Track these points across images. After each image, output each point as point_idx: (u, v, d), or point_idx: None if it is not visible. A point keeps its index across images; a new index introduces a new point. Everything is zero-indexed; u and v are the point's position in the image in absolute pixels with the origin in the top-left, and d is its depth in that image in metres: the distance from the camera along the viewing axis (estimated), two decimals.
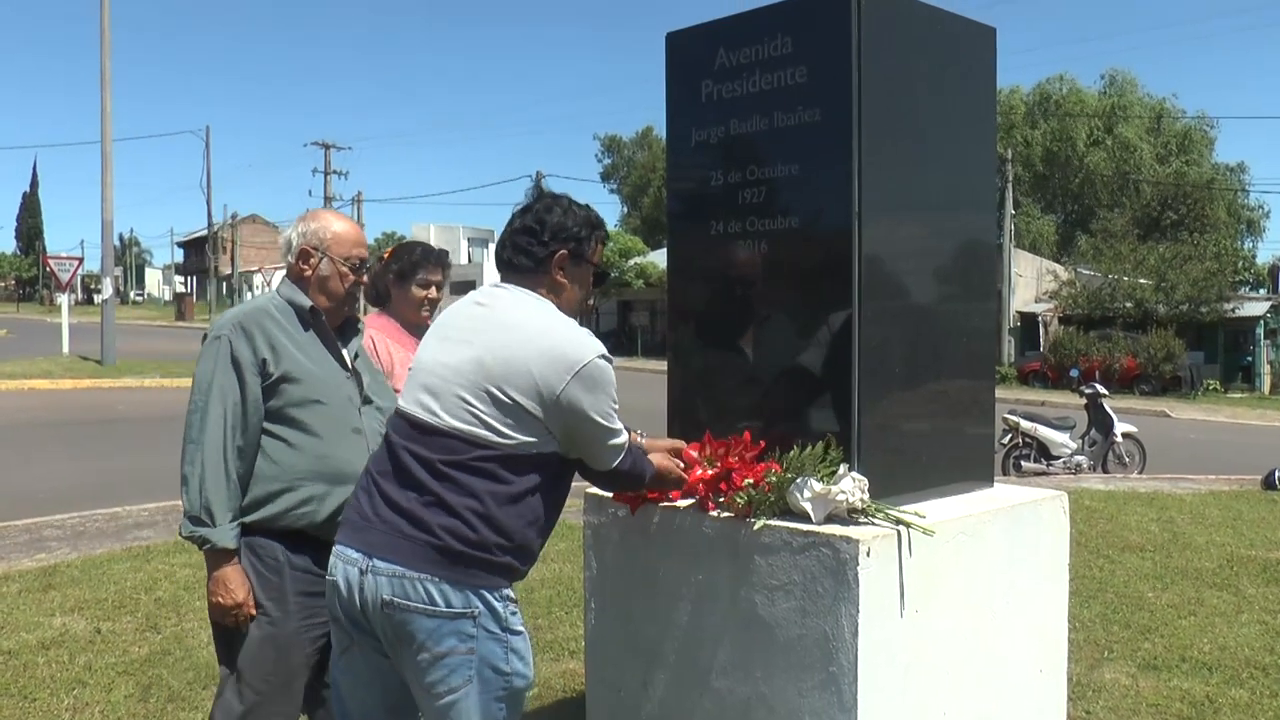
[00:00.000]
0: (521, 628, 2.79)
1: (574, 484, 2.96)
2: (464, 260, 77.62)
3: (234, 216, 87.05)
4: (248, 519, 3.23)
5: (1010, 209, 39.45)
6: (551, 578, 7.35)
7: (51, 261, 32.62)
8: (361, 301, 3.59)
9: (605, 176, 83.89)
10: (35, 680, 5.25)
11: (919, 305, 3.44)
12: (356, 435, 3.33)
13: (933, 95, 3.38)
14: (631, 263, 45.37)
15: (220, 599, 3.21)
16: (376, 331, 4.11)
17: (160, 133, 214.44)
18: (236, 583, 3.20)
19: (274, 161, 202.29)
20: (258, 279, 76.53)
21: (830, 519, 3.00)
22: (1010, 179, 40.67)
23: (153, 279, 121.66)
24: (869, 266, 3.16)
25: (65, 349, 29.46)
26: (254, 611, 3.23)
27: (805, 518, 3.01)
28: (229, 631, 3.27)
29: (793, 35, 3.27)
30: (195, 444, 3.21)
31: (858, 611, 2.84)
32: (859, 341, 3.15)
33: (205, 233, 79.33)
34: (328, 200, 60.47)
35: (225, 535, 3.18)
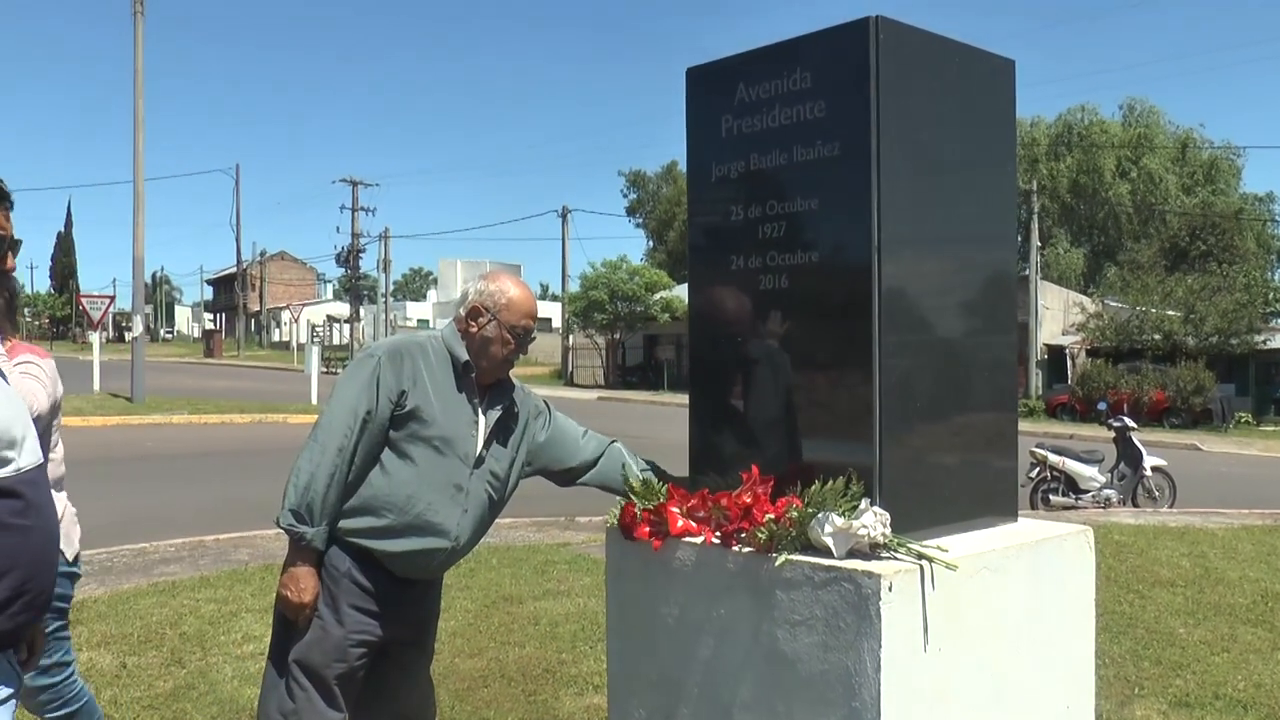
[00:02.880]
0: None
1: (595, 518, 2.96)
2: None
3: (263, 254, 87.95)
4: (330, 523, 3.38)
5: (1036, 241, 39.33)
6: (575, 612, 7.35)
7: (84, 300, 32.99)
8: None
9: (630, 211, 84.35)
10: None
11: (941, 338, 3.43)
12: (456, 490, 3.45)
13: (952, 128, 3.39)
14: (657, 296, 45.45)
15: (289, 594, 3.34)
16: None
17: (191, 172, 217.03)
18: (309, 585, 3.34)
19: (302, 199, 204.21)
20: (285, 315, 77.06)
21: (852, 554, 2.99)
22: (1035, 211, 40.59)
23: (182, 316, 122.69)
24: (889, 300, 3.15)
25: (96, 386, 29.70)
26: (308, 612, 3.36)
27: (827, 553, 2.99)
28: (288, 626, 3.40)
29: (811, 70, 3.28)
30: (319, 445, 3.33)
31: (880, 647, 2.82)
32: (880, 375, 3.14)
33: (234, 270, 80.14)
34: (354, 237, 60.94)
35: (319, 536, 3.32)
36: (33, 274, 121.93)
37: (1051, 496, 13.68)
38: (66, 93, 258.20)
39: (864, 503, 3.05)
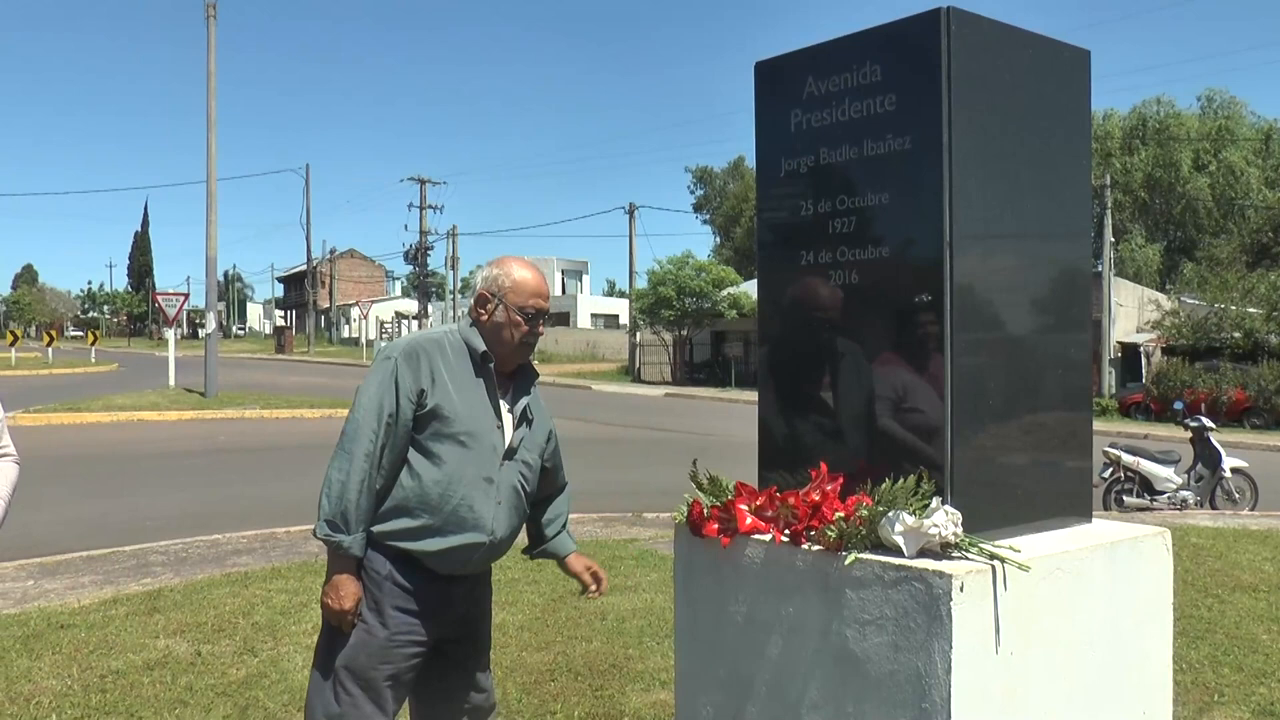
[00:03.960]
0: None
1: (662, 514, 2.95)
2: (558, 291, 78.37)
3: (332, 251, 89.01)
4: (369, 528, 3.38)
5: (1110, 237, 38.64)
6: (643, 608, 7.35)
7: (160, 297, 33.65)
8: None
9: (697, 208, 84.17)
10: (140, 699, 5.41)
11: (1013, 336, 3.37)
12: (487, 484, 3.42)
13: (1025, 120, 3.33)
14: (724, 293, 45.29)
15: (330, 602, 3.35)
16: None
17: (262, 172, 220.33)
18: (348, 591, 3.34)
19: (371, 197, 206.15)
20: (355, 312, 78.00)
21: (923, 553, 2.95)
22: (1109, 206, 39.88)
23: (254, 313, 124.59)
24: (961, 296, 3.11)
25: (171, 381, 30.29)
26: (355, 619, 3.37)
27: (897, 552, 2.96)
28: (333, 631, 3.41)
29: (881, 63, 3.25)
30: (346, 453, 3.33)
31: (951, 648, 2.78)
32: (952, 373, 3.10)
33: (304, 268, 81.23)
34: (422, 234, 61.52)
35: (356, 543, 3.33)
36: (111, 272, 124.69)
37: (1125, 497, 13.41)
38: (143, 97, 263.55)
39: (935, 501, 3.01)
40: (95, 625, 6.84)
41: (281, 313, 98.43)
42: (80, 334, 63.31)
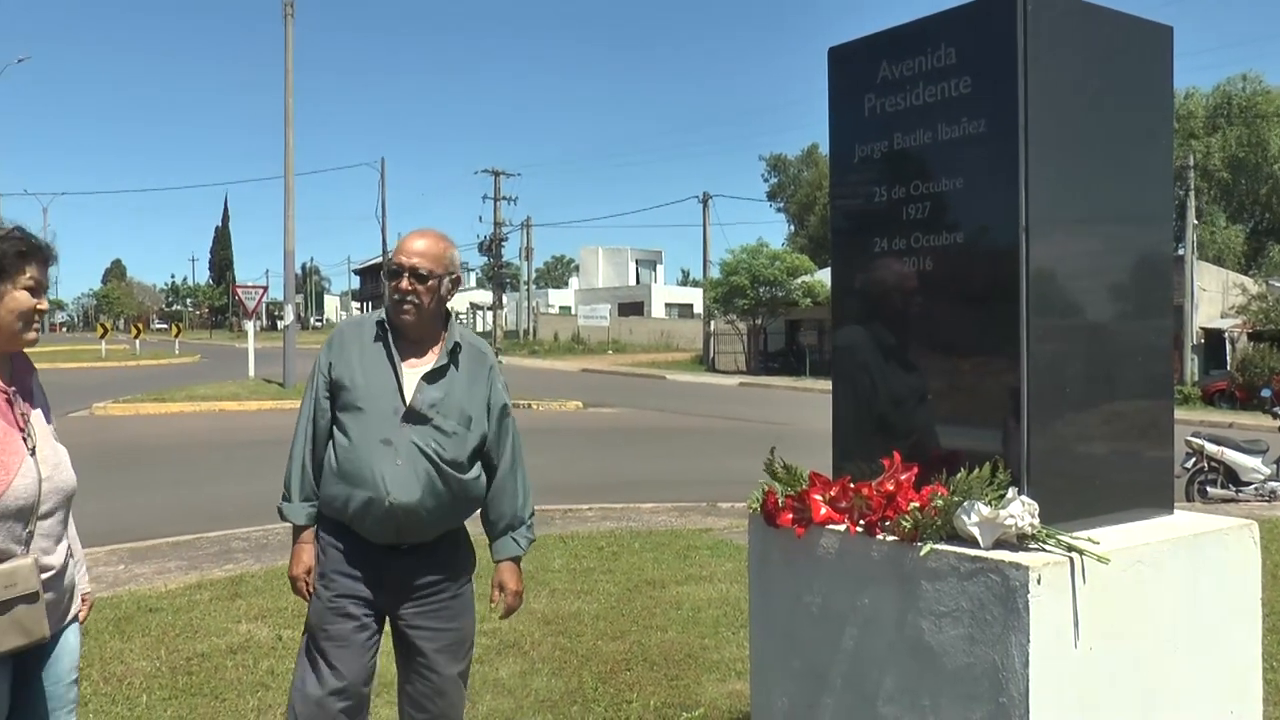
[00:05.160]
0: None
1: (737, 504, 2.95)
2: (632, 281, 78.47)
3: None
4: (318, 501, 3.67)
5: (1192, 219, 37.79)
6: (718, 598, 7.34)
7: (240, 290, 34.27)
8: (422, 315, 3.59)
9: (771, 195, 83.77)
10: (224, 682, 5.55)
11: (1091, 322, 3.30)
12: (384, 445, 3.53)
13: (1104, 100, 3.25)
14: (798, 281, 45.04)
15: (290, 569, 3.71)
16: None
17: (338, 166, 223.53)
18: (297, 558, 3.68)
19: (445, 190, 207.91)
20: None
21: (999, 544, 2.90)
22: (1191, 188, 38.99)
23: (331, 305, 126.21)
24: (1037, 282, 3.05)
25: (251, 372, 30.84)
26: (312, 586, 3.65)
27: (973, 543, 2.92)
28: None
29: (956, 45, 3.20)
30: (294, 433, 3.70)
31: (1028, 641, 2.73)
32: (1028, 360, 3.04)
33: (380, 260, 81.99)
34: (496, 226, 61.90)
35: (296, 512, 3.66)
36: (194, 266, 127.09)
37: (1209, 488, 13.10)
38: (223, 95, 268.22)
39: (1011, 491, 2.96)
40: (181, 609, 7.00)
41: (358, 304, 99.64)
42: (165, 326, 64.83)
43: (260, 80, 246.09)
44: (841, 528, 3.23)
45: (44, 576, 2.87)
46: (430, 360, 3.62)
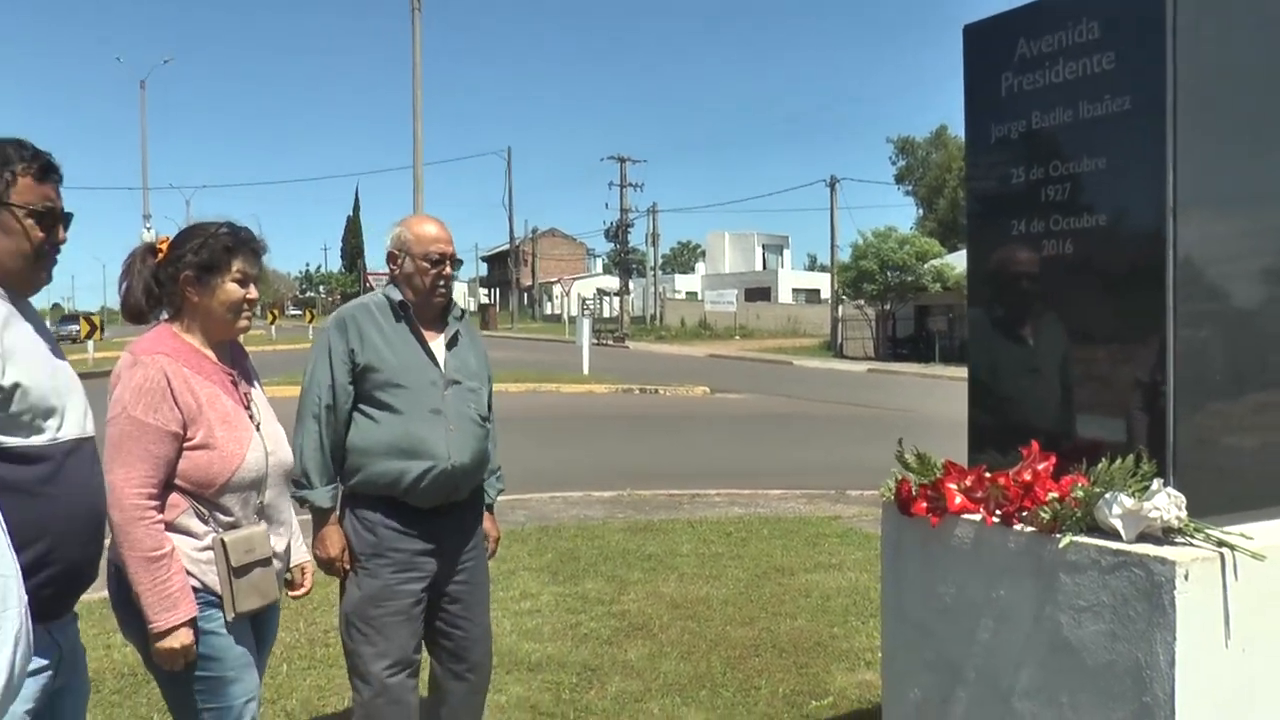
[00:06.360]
0: None
1: (866, 491, 2.90)
2: (759, 267, 78.09)
3: (534, 231, 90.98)
4: (347, 485, 3.77)
5: None
6: (848, 586, 7.27)
7: (370, 278, 35.11)
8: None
9: (899, 179, 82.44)
10: None
11: (1240, 308, 3.15)
12: (435, 415, 3.73)
13: (1257, 76, 3.09)
14: (928, 265, 44.25)
15: (319, 553, 3.76)
16: (170, 361, 3.04)
17: (466, 155, 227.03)
18: (332, 540, 3.77)
19: (572, 177, 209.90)
20: (557, 289, 79.48)
21: (1142, 538, 2.79)
22: None
23: (459, 291, 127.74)
24: (1185, 266, 2.92)
25: None
26: (348, 566, 3.77)
27: (1115, 535, 2.81)
28: (343, 582, 3.82)
29: (1099, 19, 3.08)
30: (300, 420, 3.75)
31: (1175, 640, 2.62)
32: (1174, 348, 2.92)
33: (507, 247, 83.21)
34: (623, 212, 62.21)
35: (321, 496, 3.73)
36: (325, 255, 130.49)
37: None
38: (352, 89, 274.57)
39: (1156, 483, 2.85)
40: (319, 584, 7.16)
41: (485, 290, 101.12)
42: (299, 313, 66.73)
43: (389, 74, 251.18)
44: (977, 518, 3.15)
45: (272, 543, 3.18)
46: (444, 331, 3.89)
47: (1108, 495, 2.84)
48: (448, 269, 3.84)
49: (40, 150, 2.56)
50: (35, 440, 2.44)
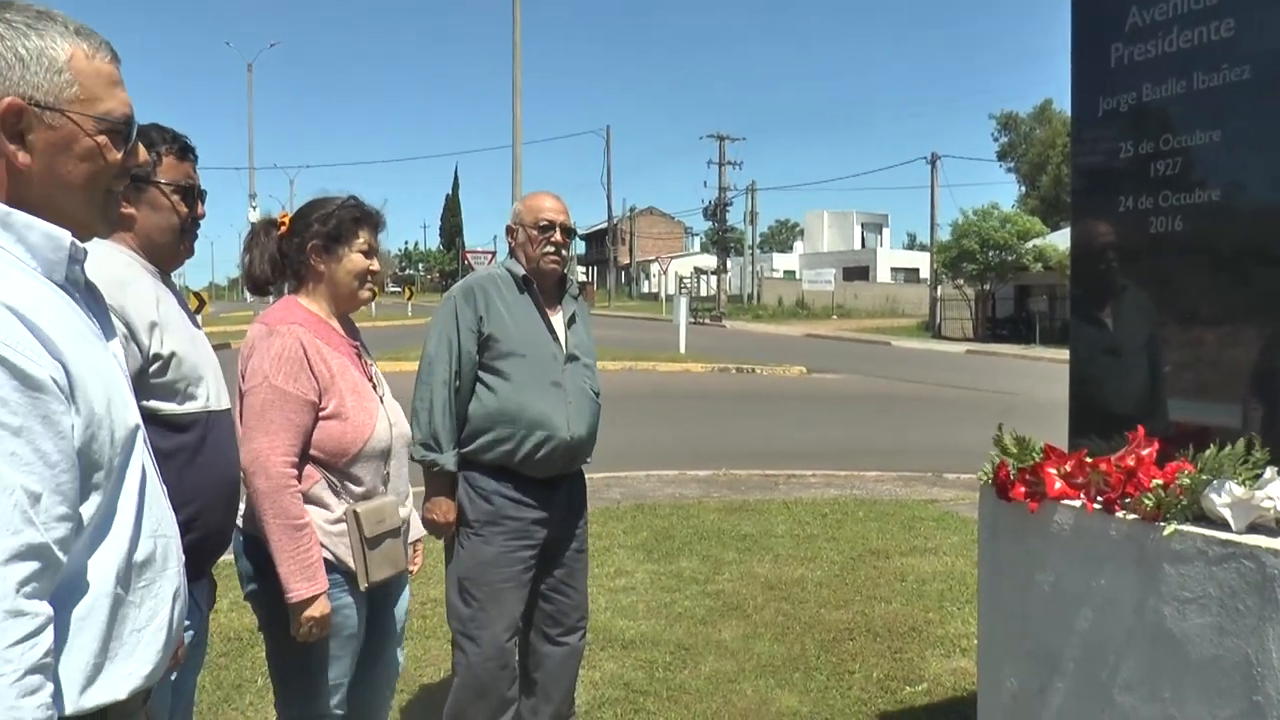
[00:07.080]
0: None
1: (963, 475, 2.82)
2: (858, 245, 77.31)
3: (632, 209, 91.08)
4: (463, 451, 3.81)
5: None
6: (944, 571, 7.16)
7: (469, 255, 35.46)
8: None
9: (1001, 155, 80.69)
10: None
11: None
12: (555, 388, 3.82)
13: None
14: (1030, 244, 43.28)
15: (435, 518, 3.81)
16: (304, 330, 3.10)
17: (565, 134, 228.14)
18: (447, 506, 3.82)
19: (670, 155, 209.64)
20: (654, 268, 79.47)
21: (1254, 528, 2.67)
22: None
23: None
24: None
25: None
26: (455, 530, 3.83)
27: (1223, 525, 2.70)
28: (453, 548, 3.87)
29: None
30: (425, 384, 3.79)
31: None
32: None
33: (605, 225, 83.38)
34: (721, 190, 61.91)
35: (449, 460, 3.78)
36: (425, 233, 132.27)
37: None
38: (453, 70, 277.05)
39: (1269, 471, 2.72)
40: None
41: (584, 269, 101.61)
42: (398, 290, 67.57)
43: (490, 53, 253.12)
44: (1077, 504, 3.06)
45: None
46: (562, 307, 3.98)
47: (1216, 483, 2.73)
48: (557, 235, 3.89)
49: (178, 133, 2.75)
50: (189, 407, 2.61)
